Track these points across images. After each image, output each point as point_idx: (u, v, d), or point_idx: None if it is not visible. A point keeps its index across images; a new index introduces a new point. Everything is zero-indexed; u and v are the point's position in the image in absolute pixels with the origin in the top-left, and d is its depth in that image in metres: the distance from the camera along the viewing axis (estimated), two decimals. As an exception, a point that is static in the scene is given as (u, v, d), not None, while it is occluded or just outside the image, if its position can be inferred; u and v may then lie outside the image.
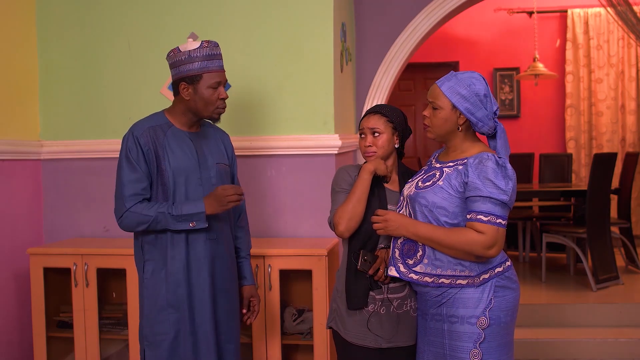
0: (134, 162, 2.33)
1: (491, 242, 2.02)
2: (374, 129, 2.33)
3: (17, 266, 3.48)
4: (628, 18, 4.70)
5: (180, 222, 2.31)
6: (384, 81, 4.20)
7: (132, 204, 2.31)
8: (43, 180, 3.72)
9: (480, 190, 2.03)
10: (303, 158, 3.50)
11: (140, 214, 2.30)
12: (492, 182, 2.03)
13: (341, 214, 2.25)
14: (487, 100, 2.11)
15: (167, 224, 2.31)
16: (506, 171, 2.06)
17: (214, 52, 2.39)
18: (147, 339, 2.37)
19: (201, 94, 2.37)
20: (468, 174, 2.06)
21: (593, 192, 5.01)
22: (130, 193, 2.32)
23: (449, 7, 4.14)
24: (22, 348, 3.50)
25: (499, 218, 2.03)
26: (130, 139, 2.35)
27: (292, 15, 3.49)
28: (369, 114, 2.37)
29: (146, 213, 2.30)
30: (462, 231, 2.05)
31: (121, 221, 2.35)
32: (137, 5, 3.60)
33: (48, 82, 3.70)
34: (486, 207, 2.02)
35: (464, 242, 2.03)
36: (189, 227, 2.32)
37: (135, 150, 2.33)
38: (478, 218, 2.02)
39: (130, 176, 2.33)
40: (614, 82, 7.09)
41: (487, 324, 2.07)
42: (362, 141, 2.37)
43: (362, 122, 2.38)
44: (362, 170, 2.28)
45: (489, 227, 2.02)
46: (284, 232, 3.53)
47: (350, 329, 2.29)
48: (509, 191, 2.03)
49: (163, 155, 2.35)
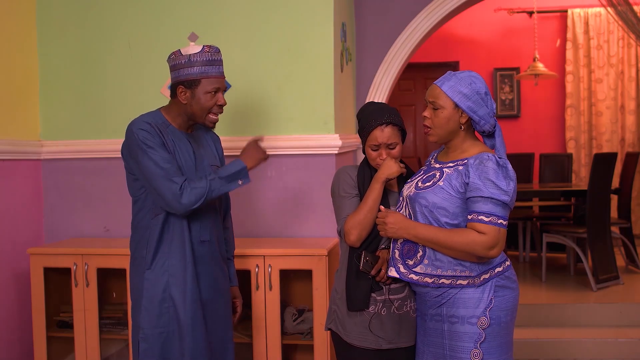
0: (157, 146, 2.27)
1: (493, 242, 2.02)
2: (390, 143, 2.26)
3: (17, 266, 3.48)
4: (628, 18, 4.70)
5: (230, 183, 2.35)
6: (384, 81, 4.21)
7: (182, 179, 2.26)
8: (43, 180, 3.72)
9: (482, 191, 2.03)
10: (303, 158, 3.50)
11: (195, 187, 2.26)
12: (493, 182, 2.03)
13: (353, 223, 2.23)
14: (488, 98, 2.13)
15: (219, 188, 2.32)
16: (507, 171, 2.06)
17: (214, 57, 2.37)
18: (143, 331, 2.36)
19: (198, 99, 2.35)
20: (469, 174, 2.06)
21: (593, 192, 5.01)
22: (174, 170, 2.26)
23: (449, 7, 4.15)
24: (22, 348, 3.50)
25: (500, 219, 2.03)
26: (140, 132, 2.28)
27: (292, 16, 3.49)
28: (382, 125, 2.25)
29: (201, 185, 2.28)
30: (463, 232, 2.05)
31: (180, 200, 2.24)
32: (137, 5, 3.61)
33: (48, 82, 3.70)
34: (487, 207, 2.02)
35: (465, 243, 2.03)
36: (239, 185, 2.36)
37: (152, 138, 2.28)
38: (479, 219, 2.02)
39: (162, 157, 2.26)
40: (613, 82, 7.09)
41: (488, 323, 2.07)
42: (373, 153, 2.29)
43: (375, 135, 2.26)
44: (375, 181, 2.24)
45: (490, 227, 2.02)
46: (284, 232, 3.53)
47: (350, 330, 2.29)
48: (510, 192, 2.04)
49: (169, 150, 2.34)
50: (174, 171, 2.27)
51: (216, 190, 2.31)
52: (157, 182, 2.26)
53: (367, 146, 2.31)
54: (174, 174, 2.26)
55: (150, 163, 2.26)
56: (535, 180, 6.77)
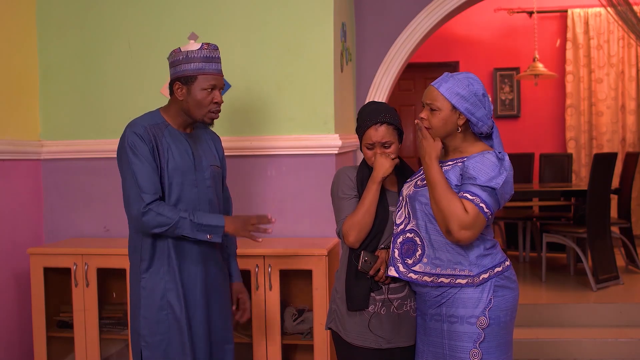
0: (142, 157, 2.28)
1: (469, 223, 2.01)
2: (385, 142, 2.27)
3: (17, 266, 3.48)
4: (628, 18, 4.70)
5: (199, 232, 2.28)
6: (384, 81, 4.21)
7: (152, 199, 2.25)
8: (43, 180, 3.72)
9: (471, 176, 2.05)
10: (303, 158, 3.50)
11: (161, 215, 2.24)
12: (485, 171, 2.05)
13: (351, 224, 2.23)
14: (485, 100, 2.13)
15: (186, 230, 2.27)
16: (503, 163, 2.08)
17: (212, 54, 2.38)
18: (144, 339, 2.36)
19: (194, 96, 2.35)
20: (466, 165, 2.08)
21: (593, 192, 5.01)
22: (148, 187, 2.25)
23: (449, 7, 4.15)
24: (22, 348, 3.50)
25: (483, 202, 2.03)
26: (132, 136, 2.31)
27: (292, 16, 3.49)
28: (377, 125, 2.27)
29: (168, 215, 2.25)
30: (455, 199, 2.03)
31: (141, 219, 2.25)
32: (137, 6, 3.61)
33: (48, 82, 3.70)
34: (474, 189, 2.04)
35: (448, 208, 2.02)
36: (206, 239, 2.30)
37: (141, 146, 2.29)
38: (464, 195, 2.04)
39: (142, 170, 2.27)
40: (614, 82, 7.09)
41: (487, 323, 2.07)
42: (368, 152, 2.29)
43: (370, 134, 2.27)
44: (371, 182, 2.24)
45: (472, 207, 2.02)
46: (284, 232, 3.53)
47: (350, 329, 2.29)
48: (501, 181, 2.04)
49: (162, 154, 2.35)
50: (149, 188, 2.26)
51: (182, 230, 2.28)
52: (128, 191, 2.28)
53: (363, 145, 2.32)
54: (148, 191, 2.25)
55: (129, 173, 2.28)
56: (535, 180, 6.77)
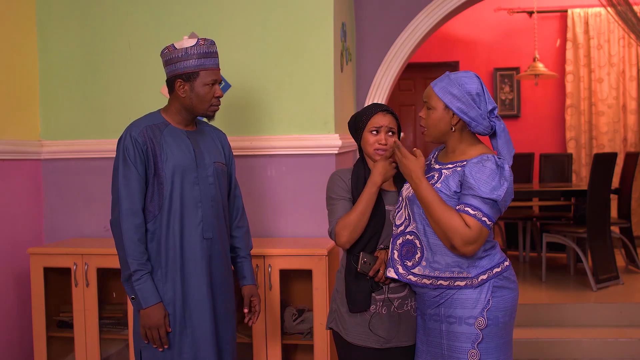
0: (130, 163, 2.32)
1: (473, 238, 2.00)
2: (391, 128, 2.31)
3: (17, 266, 3.48)
4: (628, 18, 4.70)
5: (128, 288, 2.32)
6: (384, 81, 4.21)
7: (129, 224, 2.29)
8: (43, 180, 3.72)
9: (472, 186, 2.02)
10: (303, 158, 3.50)
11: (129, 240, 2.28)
12: (485, 181, 2.02)
13: (344, 225, 2.22)
14: (481, 100, 2.09)
15: (125, 278, 2.31)
16: (503, 172, 2.05)
17: (210, 49, 2.40)
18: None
19: (197, 92, 2.37)
20: (465, 173, 2.06)
21: (593, 192, 5.01)
22: (127, 207, 2.30)
23: (449, 7, 4.15)
24: (22, 348, 3.50)
25: (485, 216, 2.01)
26: (127, 139, 2.34)
27: (292, 15, 3.49)
28: (383, 112, 2.31)
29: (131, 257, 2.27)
30: (453, 216, 2.01)
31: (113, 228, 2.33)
32: (137, 5, 3.61)
33: (48, 82, 3.70)
34: (475, 202, 2.01)
35: (449, 225, 2.00)
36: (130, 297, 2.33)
37: (133, 151, 2.32)
38: (465, 210, 2.02)
39: (125, 179, 2.32)
40: (614, 81, 7.08)
41: (485, 324, 2.07)
42: (372, 137, 2.30)
43: (377, 119, 2.30)
44: (370, 184, 2.22)
45: (475, 222, 2.00)
46: (284, 232, 3.53)
47: (351, 329, 2.29)
48: (502, 192, 2.02)
49: (160, 153, 2.35)
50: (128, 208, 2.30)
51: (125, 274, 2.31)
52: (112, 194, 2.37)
53: (367, 132, 2.31)
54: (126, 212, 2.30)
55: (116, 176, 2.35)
56: (535, 180, 6.77)
